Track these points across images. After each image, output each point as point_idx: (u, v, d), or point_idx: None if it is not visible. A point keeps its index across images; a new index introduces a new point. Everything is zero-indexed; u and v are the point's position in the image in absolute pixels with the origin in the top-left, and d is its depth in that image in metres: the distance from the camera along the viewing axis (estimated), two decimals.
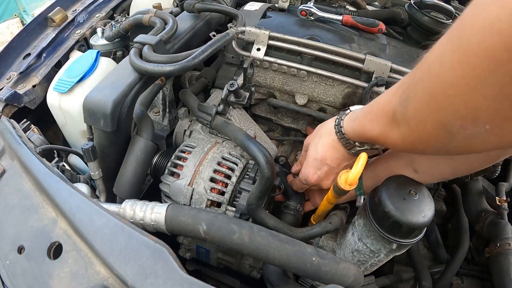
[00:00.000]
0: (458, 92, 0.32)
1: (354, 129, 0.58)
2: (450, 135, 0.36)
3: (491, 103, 0.30)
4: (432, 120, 0.37)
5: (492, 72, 0.28)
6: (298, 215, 0.81)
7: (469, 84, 0.31)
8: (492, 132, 0.32)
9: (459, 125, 0.34)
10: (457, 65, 0.31)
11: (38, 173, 0.61)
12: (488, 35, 0.27)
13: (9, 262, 0.54)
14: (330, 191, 0.66)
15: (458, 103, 0.33)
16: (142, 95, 0.80)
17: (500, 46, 0.26)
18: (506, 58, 0.26)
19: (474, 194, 0.98)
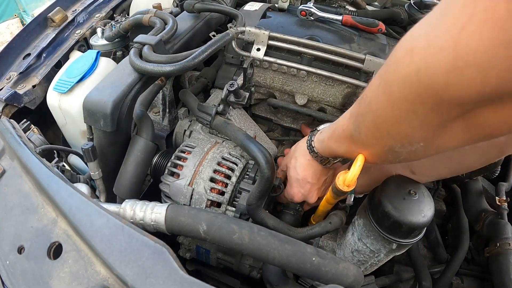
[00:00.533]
0: (392, 124, 0.41)
1: (324, 149, 0.64)
2: (396, 153, 0.45)
3: (417, 131, 0.38)
4: (379, 143, 0.46)
5: (411, 111, 0.36)
6: (298, 215, 0.81)
7: (397, 119, 0.39)
8: (426, 147, 0.40)
9: (400, 146, 0.43)
10: (387, 105, 0.39)
11: (38, 173, 0.61)
12: (403, 86, 0.35)
13: (9, 262, 0.54)
14: (329, 192, 0.66)
15: (394, 132, 0.42)
16: (142, 95, 0.80)
17: (412, 94, 0.34)
18: (419, 101, 0.34)
19: (474, 194, 0.98)
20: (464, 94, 0.30)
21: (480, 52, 0.27)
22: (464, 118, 0.33)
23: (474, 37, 0.27)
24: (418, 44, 0.32)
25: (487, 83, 0.28)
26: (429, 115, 0.35)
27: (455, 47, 0.28)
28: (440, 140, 0.38)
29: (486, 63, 0.27)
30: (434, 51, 0.30)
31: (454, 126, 0.35)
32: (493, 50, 0.26)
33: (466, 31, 0.27)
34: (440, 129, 0.36)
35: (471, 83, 0.28)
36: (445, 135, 0.37)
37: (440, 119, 0.35)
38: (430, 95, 0.32)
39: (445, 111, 0.33)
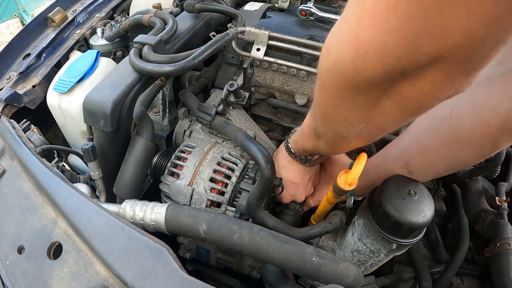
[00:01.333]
0: (331, 111, 0.47)
1: (298, 148, 0.70)
2: (345, 137, 0.50)
3: (353, 113, 0.43)
4: (330, 131, 0.52)
5: (340, 96, 0.42)
6: (297, 215, 0.81)
7: (333, 106, 0.45)
8: (369, 127, 0.45)
9: (345, 130, 0.48)
10: (323, 94, 0.46)
11: (38, 173, 0.61)
12: (328, 76, 0.41)
13: (9, 262, 0.54)
14: (330, 191, 0.67)
15: (335, 117, 0.47)
16: (142, 95, 0.80)
17: (336, 83, 0.40)
18: (343, 88, 0.40)
19: (474, 194, 0.98)
20: (373, 75, 0.35)
21: (374, 40, 0.32)
22: (389, 97, 0.38)
23: (367, 28, 0.32)
24: (332, 41, 0.38)
25: (387, 63, 0.33)
26: (355, 98, 0.40)
27: (355, 39, 0.34)
28: (377, 119, 0.43)
29: (381, 47, 0.32)
30: (342, 45, 0.36)
31: (384, 105, 0.40)
32: (383, 37, 0.31)
33: (361, 24, 0.33)
34: (372, 109, 0.41)
35: (375, 66, 0.34)
36: (380, 114, 0.42)
37: (366, 99, 0.40)
38: (348, 80, 0.38)
39: (366, 92, 0.39)
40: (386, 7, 0.29)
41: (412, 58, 0.31)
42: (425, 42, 0.29)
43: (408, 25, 0.29)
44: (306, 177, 0.77)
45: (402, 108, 0.39)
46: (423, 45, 0.30)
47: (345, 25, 0.36)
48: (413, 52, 0.31)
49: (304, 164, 0.73)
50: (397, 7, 0.29)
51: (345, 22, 0.36)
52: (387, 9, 0.29)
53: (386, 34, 0.31)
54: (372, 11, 0.31)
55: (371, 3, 0.31)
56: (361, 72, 0.35)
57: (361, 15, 0.32)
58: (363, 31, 0.33)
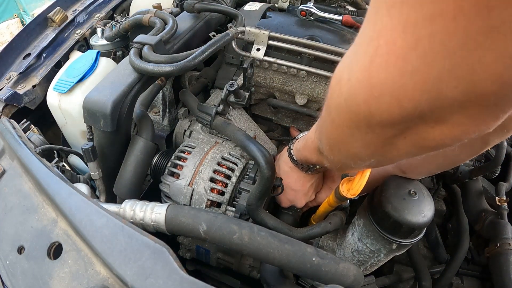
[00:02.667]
0: (339, 144, 0.45)
1: (300, 158, 0.68)
2: (352, 166, 0.49)
3: (362, 150, 0.41)
4: (336, 159, 0.50)
5: (351, 134, 0.39)
6: (296, 215, 0.81)
7: (343, 141, 0.43)
8: (379, 161, 0.43)
9: (353, 163, 0.46)
10: (332, 128, 0.44)
11: (38, 173, 0.61)
12: (338, 112, 0.39)
13: (9, 262, 0.54)
14: (332, 196, 0.66)
15: (344, 151, 0.45)
16: (142, 95, 0.80)
17: (347, 120, 0.38)
18: (354, 126, 0.37)
19: (474, 194, 0.98)
20: (388, 118, 0.32)
21: (390, 82, 0.29)
22: (405, 136, 0.35)
23: (381, 69, 0.29)
24: (343, 76, 0.35)
25: (404, 107, 0.30)
26: (367, 137, 0.37)
27: (369, 79, 0.30)
28: (389, 155, 0.40)
29: (397, 91, 0.29)
30: (353, 83, 0.33)
31: (398, 143, 0.36)
32: (400, 80, 0.28)
33: (375, 64, 0.29)
34: (384, 147, 0.38)
35: (390, 109, 0.31)
36: (392, 151, 0.39)
37: (378, 139, 0.37)
38: (360, 120, 0.35)
39: (380, 133, 0.35)
40: (405, 46, 0.26)
41: (433, 102, 0.28)
42: (449, 86, 0.26)
43: (430, 66, 0.26)
44: (307, 184, 0.75)
45: (418, 147, 0.36)
46: (446, 90, 0.26)
47: (356, 61, 0.32)
48: (435, 97, 0.27)
49: (306, 172, 0.72)
50: (418, 47, 0.25)
51: (357, 58, 0.32)
52: (406, 49, 0.26)
53: (404, 76, 0.27)
54: (387, 50, 0.28)
55: (386, 41, 0.27)
56: (375, 114, 0.32)
57: (375, 53, 0.29)
58: (378, 72, 0.29)
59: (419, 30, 0.25)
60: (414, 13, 0.25)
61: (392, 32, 0.27)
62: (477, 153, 0.59)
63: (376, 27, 0.29)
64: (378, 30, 0.28)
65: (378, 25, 0.28)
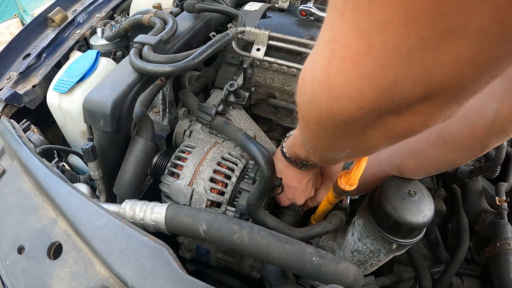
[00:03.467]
0: (313, 139, 0.46)
1: (292, 155, 0.69)
2: (333, 158, 0.49)
3: (335, 141, 0.42)
4: (317, 152, 0.51)
5: (320, 130, 0.40)
6: (297, 215, 0.81)
7: (315, 136, 0.44)
8: (355, 151, 0.44)
9: (331, 154, 0.46)
10: (303, 124, 0.45)
11: (38, 173, 0.61)
12: (306, 111, 0.40)
13: (9, 262, 0.54)
14: (331, 192, 0.67)
15: (320, 145, 0.46)
16: (142, 95, 0.80)
17: (314, 118, 0.39)
18: (321, 124, 0.38)
19: (474, 194, 0.98)
20: (349, 117, 0.32)
21: (348, 85, 0.29)
22: (373, 127, 0.35)
23: (339, 72, 0.29)
24: (306, 76, 0.36)
25: (363, 108, 0.30)
26: (336, 133, 0.38)
27: (328, 81, 0.31)
28: (363, 145, 0.40)
29: (355, 93, 0.29)
30: (315, 84, 0.34)
31: (370, 134, 0.37)
32: (357, 83, 0.28)
33: (332, 67, 0.30)
34: (356, 139, 0.39)
35: (351, 109, 0.31)
36: (366, 142, 0.39)
37: (348, 134, 0.37)
38: (325, 119, 0.36)
39: (347, 128, 0.36)
40: (360, 51, 0.26)
41: (392, 102, 0.28)
42: (406, 86, 0.26)
43: (386, 71, 0.26)
44: (304, 180, 0.75)
45: (388, 136, 0.37)
46: (404, 90, 0.27)
47: (317, 63, 0.32)
48: (393, 96, 0.28)
49: (300, 169, 0.72)
50: (371, 52, 0.25)
51: (317, 60, 0.32)
52: (361, 53, 0.26)
53: (361, 80, 0.28)
54: (343, 54, 0.28)
55: (341, 45, 0.27)
56: (338, 113, 0.33)
57: (332, 56, 0.29)
58: (336, 75, 0.30)
59: (372, 36, 0.25)
60: (366, 20, 0.24)
61: (346, 38, 0.27)
62: (476, 155, 0.59)
63: (332, 31, 0.29)
64: (334, 34, 0.28)
65: (334, 29, 0.28)
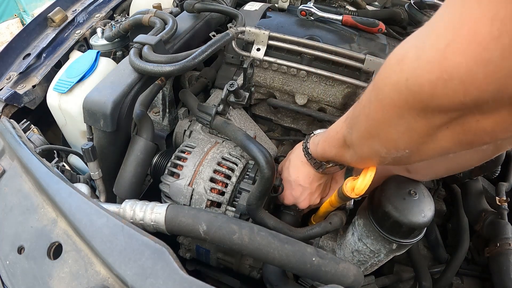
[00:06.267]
0: (381, 127, 0.44)
1: (317, 152, 0.66)
2: (381, 157, 0.47)
3: (403, 136, 0.41)
4: (367, 146, 0.49)
5: (399, 116, 0.39)
6: (298, 215, 0.81)
7: (387, 123, 0.42)
8: (412, 154, 0.43)
9: (386, 151, 0.45)
10: (378, 108, 0.42)
11: (38, 173, 0.61)
12: (393, 92, 0.38)
13: (9, 262, 0.54)
14: (334, 196, 0.66)
15: (382, 136, 0.44)
16: (142, 95, 0.80)
17: (401, 100, 0.37)
18: (407, 107, 0.37)
19: (474, 194, 0.98)
20: (448, 103, 0.33)
21: (463, 68, 0.30)
22: (448, 127, 0.36)
23: (458, 54, 0.30)
24: (408, 55, 0.36)
25: (468, 94, 0.31)
26: (415, 120, 0.38)
27: (441, 61, 0.31)
28: (425, 147, 0.41)
29: (468, 77, 0.30)
30: (422, 62, 0.33)
31: (439, 134, 0.38)
32: (475, 67, 0.29)
33: (451, 48, 0.30)
34: (425, 137, 0.39)
35: (454, 94, 0.31)
36: (430, 143, 0.40)
37: (425, 125, 0.38)
38: (417, 102, 0.35)
39: (430, 118, 0.36)
40: (488, 36, 0.28)
41: (495, 94, 0.30)
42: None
43: (506, 60, 0.27)
44: (315, 183, 0.73)
45: (455, 141, 0.38)
46: (510, 85, 0.28)
47: (430, 42, 0.33)
48: (499, 89, 0.29)
49: (316, 169, 0.70)
50: (500, 39, 0.27)
51: (430, 39, 0.33)
52: (489, 39, 0.28)
53: (479, 64, 0.29)
54: (469, 37, 0.29)
55: (469, 29, 0.29)
56: (437, 97, 0.33)
57: (454, 38, 0.30)
58: (453, 55, 0.30)
59: (505, 25, 0.27)
60: (504, 9, 0.26)
61: (478, 22, 0.28)
62: (488, 157, 0.59)
63: (461, 14, 0.30)
64: (463, 17, 0.29)
65: (463, 12, 0.29)
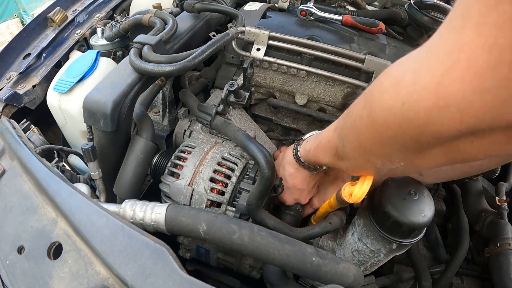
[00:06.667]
0: (374, 144, 0.43)
1: (309, 158, 0.66)
2: (377, 168, 0.48)
3: (398, 152, 0.41)
4: (362, 158, 0.48)
5: (393, 137, 0.39)
6: (298, 215, 0.81)
7: (380, 141, 0.42)
8: (406, 166, 0.43)
9: (381, 163, 0.45)
10: (371, 127, 0.42)
11: (38, 173, 0.61)
12: (387, 115, 0.38)
13: (9, 262, 0.54)
14: (333, 199, 0.66)
15: (376, 151, 0.44)
16: (142, 95, 0.80)
17: (395, 125, 0.37)
18: (401, 132, 0.37)
19: (474, 194, 0.98)
20: (443, 130, 0.33)
21: (460, 96, 0.29)
22: (443, 146, 0.36)
23: (456, 82, 0.29)
24: (405, 79, 0.35)
25: (465, 122, 0.31)
26: (409, 143, 0.38)
27: (438, 88, 0.31)
28: (420, 162, 0.41)
29: (465, 105, 0.30)
30: (418, 88, 0.33)
31: (433, 151, 0.38)
32: (472, 95, 0.29)
33: (449, 75, 0.30)
34: (419, 154, 0.39)
35: (450, 122, 0.31)
36: (424, 159, 0.40)
37: (420, 147, 0.38)
38: (412, 127, 0.35)
39: (424, 142, 0.36)
40: (486, 66, 0.27)
41: (491, 122, 0.29)
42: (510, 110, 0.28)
43: (503, 89, 0.27)
44: (312, 182, 0.75)
45: (449, 158, 0.38)
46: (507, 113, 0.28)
47: (427, 68, 0.32)
48: (496, 118, 0.29)
49: (311, 172, 0.71)
50: (498, 69, 0.27)
51: (429, 65, 0.32)
52: (486, 68, 0.27)
53: (476, 93, 0.28)
54: (467, 65, 0.28)
55: (467, 57, 0.28)
56: (432, 124, 0.33)
57: (452, 66, 0.30)
58: (450, 83, 0.30)
59: (503, 55, 0.26)
60: (503, 38, 0.26)
61: (476, 50, 0.28)
62: (503, 162, 0.60)
63: (460, 40, 0.29)
64: (462, 44, 0.29)
65: (462, 39, 0.29)
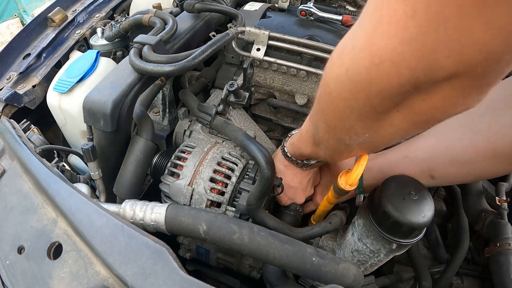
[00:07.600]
0: (336, 119, 0.46)
1: (295, 152, 0.68)
2: (347, 145, 0.49)
3: (357, 123, 0.43)
4: (332, 138, 0.50)
5: (348, 107, 0.41)
6: (298, 215, 0.81)
7: (339, 114, 0.44)
8: (372, 138, 0.45)
9: (348, 138, 0.47)
10: (329, 102, 0.45)
11: (38, 173, 0.61)
12: (337, 84, 0.40)
13: (9, 262, 0.54)
14: (331, 192, 0.66)
15: (340, 126, 0.46)
16: (142, 95, 0.80)
17: (346, 92, 0.39)
18: (352, 98, 0.39)
19: (474, 194, 0.98)
20: (386, 86, 0.34)
21: (390, 49, 0.31)
22: (399, 110, 0.37)
23: (383, 37, 0.31)
24: (346, 47, 0.37)
25: (402, 75, 0.32)
26: (364, 109, 0.39)
27: (370, 46, 0.33)
28: (383, 130, 0.42)
29: (396, 57, 0.31)
30: (356, 51, 0.35)
31: (392, 117, 0.39)
32: (400, 47, 0.30)
33: (376, 32, 0.32)
34: (379, 121, 0.41)
35: (389, 77, 0.33)
36: (386, 126, 0.41)
37: (375, 111, 0.39)
38: (359, 90, 0.37)
39: (377, 104, 0.37)
40: (404, 15, 0.28)
41: (427, 71, 0.30)
42: (442, 55, 0.28)
43: (426, 35, 0.28)
44: (304, 180, 0.75)
45: (410, 122, 0.39)
46: (439, 59, 0.29)
47: (361, 31, 0.34)
48: (429, 65, 0.30)
49: (301, 168, 0.72)
50: (415, 16, 0.28)
51: (361, 28, 0.34)
52: (405, 18, 0.28)
53: (403, 44, 0.30)
54: (389, 19, 0.30)
55: (388, 11, 0.30)
56: (375, 82, 0.34)
57: (378, 22, 0.31)
58: (380, 39, 0.31)
59: (416, 2, 0.27)
60: None
61: (394, 3, 0.29)
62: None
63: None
64: (383, 1, 0.31)
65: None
